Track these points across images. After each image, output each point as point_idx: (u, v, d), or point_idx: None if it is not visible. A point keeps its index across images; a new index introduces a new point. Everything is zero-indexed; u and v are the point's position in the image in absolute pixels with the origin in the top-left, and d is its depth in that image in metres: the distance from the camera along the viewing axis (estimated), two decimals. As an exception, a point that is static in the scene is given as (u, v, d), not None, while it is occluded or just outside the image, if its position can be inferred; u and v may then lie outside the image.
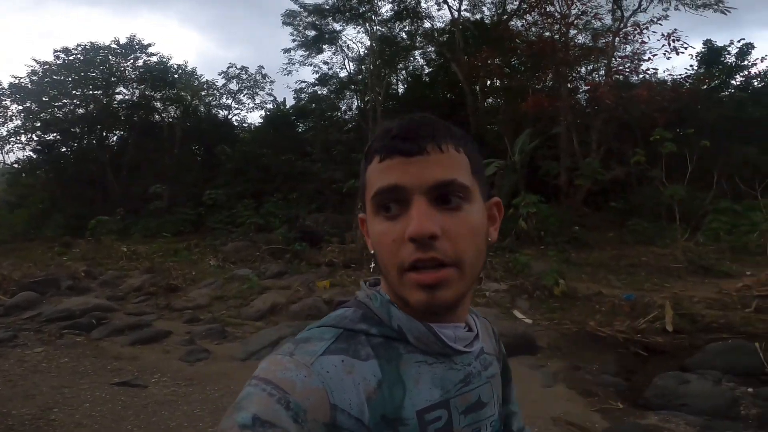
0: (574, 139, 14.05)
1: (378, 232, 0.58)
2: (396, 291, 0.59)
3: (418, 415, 0.57)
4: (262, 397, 0.52)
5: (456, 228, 0.56)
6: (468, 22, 18.28)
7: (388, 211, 0.57)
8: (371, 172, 0.59)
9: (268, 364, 0.55)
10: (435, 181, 0.56)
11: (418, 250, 0.55)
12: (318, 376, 0.54)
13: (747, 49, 15.41)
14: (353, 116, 21.75)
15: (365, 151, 0.61)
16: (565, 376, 4.59)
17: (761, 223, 10.41)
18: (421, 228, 0.54)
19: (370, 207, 0.60)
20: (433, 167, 0.56)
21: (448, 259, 0.55)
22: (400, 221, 0.56)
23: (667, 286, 7.90)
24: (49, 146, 22.46)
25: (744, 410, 3.81)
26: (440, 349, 0.61)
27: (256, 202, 16.51)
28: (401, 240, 0.56)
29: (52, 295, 8.36)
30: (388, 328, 0.61)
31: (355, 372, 0.56)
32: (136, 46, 21.95)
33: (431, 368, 0.60)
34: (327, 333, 0.59)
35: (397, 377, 0.58)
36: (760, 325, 5.77)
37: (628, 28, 14.42)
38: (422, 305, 0.56)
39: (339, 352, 0.57)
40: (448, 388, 0.61)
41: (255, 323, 6.84)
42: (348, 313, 0.63)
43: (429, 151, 0.57)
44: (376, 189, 0.57)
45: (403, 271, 0.56)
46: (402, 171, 0.56)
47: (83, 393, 4.05)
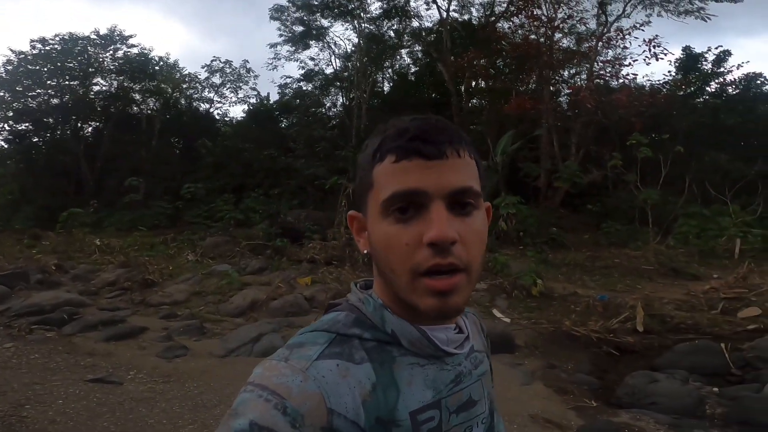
0: (554, 142, 14.31)
1: (388, 234, 0.57)
2: (402, 295, 0.58)
3: (411, 416, 0.58)
4: (258, 403, 0.51)
5: (469, 234, 0.57)
6: (456, 23, 18.38)
7: (403, 213, 0.56)
8: (382, 172, 0.57)
9: (263, 370, 0.55)
10: (454, 188, 0.56)
11: (437, 256, 0.54)
12: (314, 381, 0.54)
13: (724, 56, 15.79)
14: (337, 113, 21.66)
15: (375, 149, 0.59)
16: (542, 375, 4.71)
17: (729, 228, 10.80)
18: (444, 234, 0.54)
19: (378, 208, 0.57)
20: (452, 173, 0.56)
21: (462, 265, 0.56)
22: (415, 224, 0.55)
23: (639, 287, 8.15)
24: (20, 136, 21.73)
25: (710, 409, 3.96)
26: (433, 352, 0.62)
27: (236, 197, 16.29)
28: (417, 244, 0.55)
29: (21, 289, 8.08)
30: (381, 332, 0.61)
31: (350, 376, 0.56)
32: (116, 37, 21.41)
33: (423, 370, 0.61)
34: (321, 337, 0.59)
35: (390, 380, 0.58)
36: (725, 326, 6.03)
37: (612, 33, 14.75)
38: (434, 311, 0.56)
39: (334, 357, 0.57)
40: (440, 389, 0.62)
41: (234, 320, 6.78)
42: (340, 317, 0.62)
43: (448, 156, 0.56)
44: (393, 191, 0.56)
45: (417, 276, 0.55)
46: (421, 175, 0.55)
47: (56, 389, 3.95)
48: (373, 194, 0.59)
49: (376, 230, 0.59)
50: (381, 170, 0.58)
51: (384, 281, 0.62)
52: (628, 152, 11.81)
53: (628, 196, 12.68)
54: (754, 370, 4.71)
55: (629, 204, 12.43)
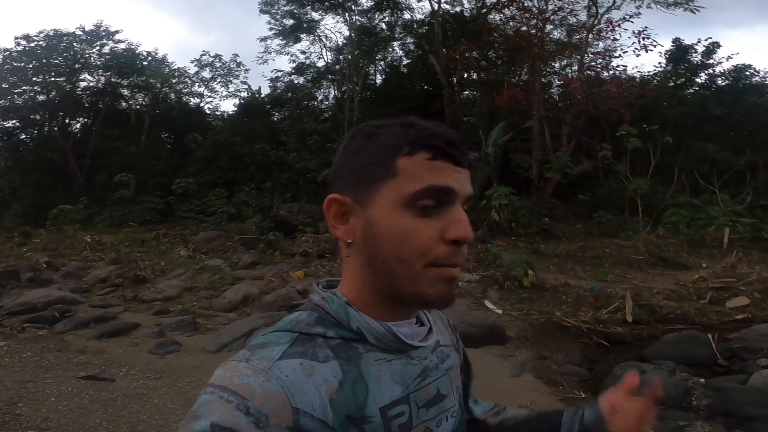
0: (546, 133, 14.36)
1: (407, 226, 0.58)
2: (404, 285, 0.59)
3: (381, 412, 0.59)
4: (219, 404, 0.51)
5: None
6: (447, 15, 18.30)
7: (429, 209, 0.58)
8: (412, 165, 0.59)
9: (223, 371, 0.55)
10: (470, 194, 0.62)
11: (457, 253, 0.59)
12: (277, 381, 0.54)
13: (713, 48, 15.92)
14: (329, 106, 21.56)
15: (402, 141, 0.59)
16: (532, 366, 4.76)
17: (718, 217, 10.93)
18: (469, 233, 0.59)
19: (401, 198, 0.58)
20: (468, 181, 0.62)
21: (464, 261, 0.62)
22: (437, 221, 0.59)
23: (629, 277, 8.25)
24: (7, 133, 21.48)
25: (696, 401, 3.99)
26: (398, 347, 0.63)
27: (228, 191, 16.22)
28: (438, 238, 0.58)
29: (12, 288, 8.02)
30: (346, 329, 0.61)
31: (315, 374, 0.56)
32: (102, 32, 21.16)
33: (390, 365, 0.62)
34: (283, 337, 0.59)
35: (358, 376, 0.59)
36: (713, 316, 6.12)
37: (602, 25, 14.78)
38: (443, 297, 0.60)
39: (297, 356, 0.57)
40: (408, 384, 0.63)
41: (227, 314, 6.78)
42: (303, 317, 0.62)
43: (467, 167, 0.62)
44: (429, 184, 0.58)
45: (430, 267, 0.59)
46: (453, 177, 0.60)
47: (49, 387, 3.94)
48: (395, 184, 0.59)
49: (390, 220, 0.59)
50: (411, 163, 0.59)
51: (373, 273, 0.62)
52: (618, 143, 11.89)
53: (618, 186, 12.78)
54: (740, 360, 4.77)
55: (620, 194, 12.54)
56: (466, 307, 6.06)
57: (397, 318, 0.64)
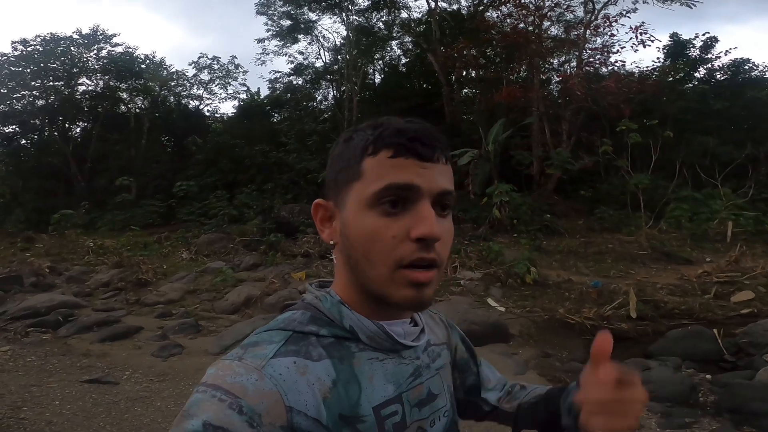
0: (545, 129, 14.33)
1: (373, 226, 0.57)
2: (375, 287, 0.59)
3: (374, 411, 0.58)
4: (212, 403, 0.50)
5: (445, 234, 0.60)
6: (445, 13, 18.30)
7: (393, 207, 0.57)
8: (376, 164, 0.58)
9: (216, 370, 0.54)
10: (442, 189, 0.59)
11: (422, 250, 0.56)
12: (270, 379, 0.53)
13: (711, 43, 15.92)
14: (329, 106, 21.57)
15: (367, 142, 0.59)
16: (536, 364, 4.74)
17: (720, 211, 10.89)
18: (434, 231, 0.56)
19: (365, 199, 0.58)
20: (440, 176, 0.59)
21: (439, 261, 0.58)
22: (402, 219, 0.57)
23: (632, 272, 8.21)
24: (7, 139, 21.54)
25: (702, 397, 3.96)
26: (391, 346, 0.62)
27: (229, 194, 16.23)
28: (403, 237, 0.56)
29: (16, 293, 8.04)
30: (339, 328, 0.61)
31: (308, 373, 0.56)
32: (99, 36, 21.18)
33: (383, 364, 0.62)
34: (276, 336, 0.59)
35: (351, 375, 0.58)
36: (719, 311, 6.07)
37: (599, 21, 14.75)
38: (410, 302, 0.58)
39: (290, 354, 0.56)
40: (400, 383, 0.63)
41: (229, 317, 6.78)
42: (296, 316, 0.62)
43: (438, 160, 0.59)
44: (388, 183, 0.57)
45: (398, 268, 0.57)
46: (416, 173, 0.57)
47: (52, 391, 3.95)
48: (360, 185, 0.59)
49: (357, 221, 0.59)
50: (374, 163, 0.58)
51: (352, 273, 0.62)
52: (618, 138, 11.85)
53: (619, 182, 12.75)
54: (746, 356, 4.73)
55: (621, 189, 12.51)
56: (469, 305, 6.05)
57: (390, 317, 0.64)
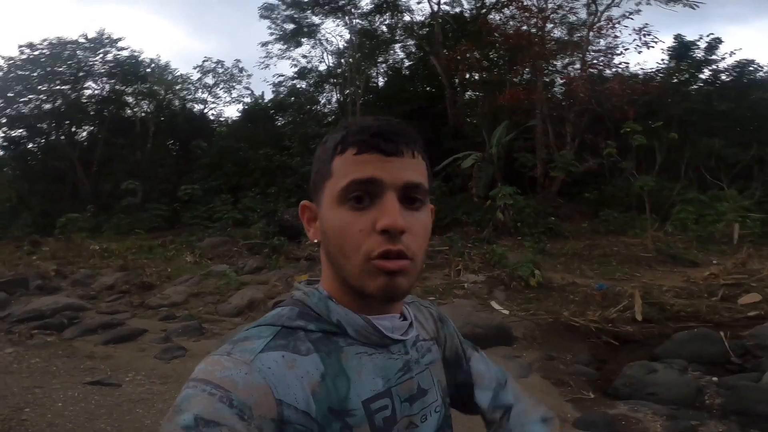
0: (549, 132, 14.29)
1: (343, 221, 0.59)
2: (352, 279, 0.60)
3: (364, 405, 0.59)
4: (202, 397, 0.51)
5: (416, 227, 0.60)
6: (447, 16, 18.33)
7: (359, 202, 0.59)
8: (342, 163, 0.60)
9: (205, 365, 0.55)
10: (407, 181, 0.60)
11: (388, 242, 0.57)
12: (259, 373, 0.54)
13: (715, 44, 15.82)
14: (332, 110, 21.62)
15: (336, 142, 0.62)
16: (540, 366, 4.70)
17: (727, 213, 10.80)
18: (395, 222, 0.57)
19: (335, 196, 0.60)
20: (406, 169, 0.60)
21: (410, 253, 0.59)
22: (369, 213, 0.58)
23: (638, 275, 8.14)
24: (15, 143, 21.70)
25: (708, 399, 3.92)
26: (379, 340, 0.63)
27: (233, 197, 16.30)
28: (370, 230, 0.58)
29: (22, 295, 8.10)
30: (327, 322, 0.62)
31: (297, 366, 0.57)
32: (105, 40, 21.28)
33: (371, 358, 0.62)
34: (265, 331, 0.60)
35: (339, 369, 0.59)
36: (725, 313, 5.99)
37: (602, 23, 14.71)
38: (382, 291, 0.58)
39: (279, 348, 0.57)
40: (389, 377, 0.63)
41: (233, 319, 6.78)
42: (285, 312, 0.63)
43: (404, 154, 0.60)
44: (351, 179, 0.58)
45: (368, 260, 0.58)
46: (379, 167, 0.59)
47: (55, 393, 3.96)
48: (330, 183, 0.61)
49: (330, 217, 0.61)
50: (341, 161, 0.61)
51: (333, 268, 0.63)
52: (623, 140, 11.79)
53: (624, 184, 12.68)
54: (753, 358, 4.67)
55: (626, 192, 12.43)
56: (472, 308, 6.01)
57: (377, 312, 0.64)
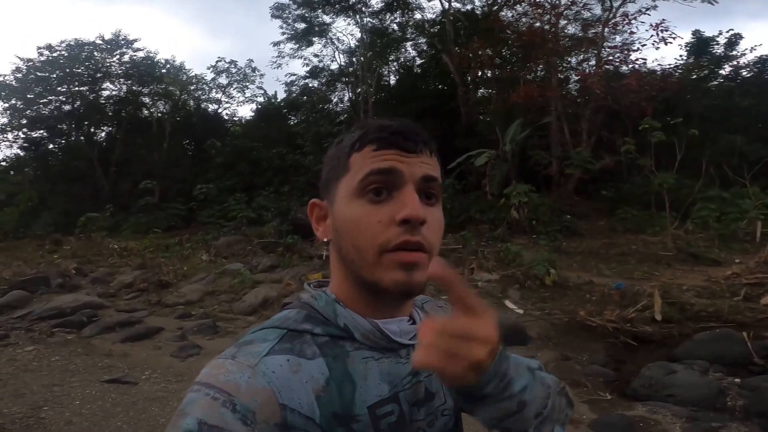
0: (564, 129, 14.08)
1: (360, 213, 0.59)
2: (365, 274, 0.59)
3: (369, 411, 0.58)
4: (206, 401, 0.51)
5: (432, 221, 0.60)
6: (459, 13, 18.19)
7: (378, 194, 0.59)
8: (360, 158, 0.60)
9: (209, 369, 0.55)
10: (426, 174, 0.60)
11: (407, 233, 0.57)
12: (263, 377, 0.54)
13: (735, 40, 15.55)
14: (345, 108, 21.65)
15: (354, 140, 0.62)
16: (555, 367, 4.63)
17: (749, 211, 10.51)
18: (417, 211, 0.57)
19: (352, 189, 0.60)
20: (424, 165, 0.61)
21: (427, 246, 0.58)
22: (388, 205, 0.58)
23: (657, 274, 7.97)
24: (36, 143, 22.21)
25: (730, 401, 3.83)
26: (386, 345, 0.62)
27: (247, 196, 16.43)
28: (389, 222, 0.57)
29: (43, 293, 8.29)
30: (334, 326, 0.61)
31: (301, 371, 0.56)
32: (121, 41, 21.68)
33: (378, 363, 0.61)
34: (270, 334, 0.59)
35: (345, 374, 0.58)
36: (748, 313, 5.82)
37: (617, 19, 14.42)
38: (399, 285, 0.57)
39: (284, 352, 0.57)
40: (396, 382, 0.62)
41: (247, 318, 6.84)
42: (291, 314, 0.63)
43: (422, 152, 0.61)
44: (370, 170, 0.59)
45: (384, 252, 0.57)
46: (398, 161, 0.59)
47: (73, 391, 4.03)
48: (347, 178, 0.61)
49: (346, 211, 0.60)
50: (359, 157, 0.61)
51: (344, 267, 0.63)
52: (641, 137, 11.54)
53: (643, 181, 12.42)
54: (777, 359, 4.56)
55: (645, 189, 12.17)
56: (487, 307, 5.95)
57: (386, 315, 0.63)
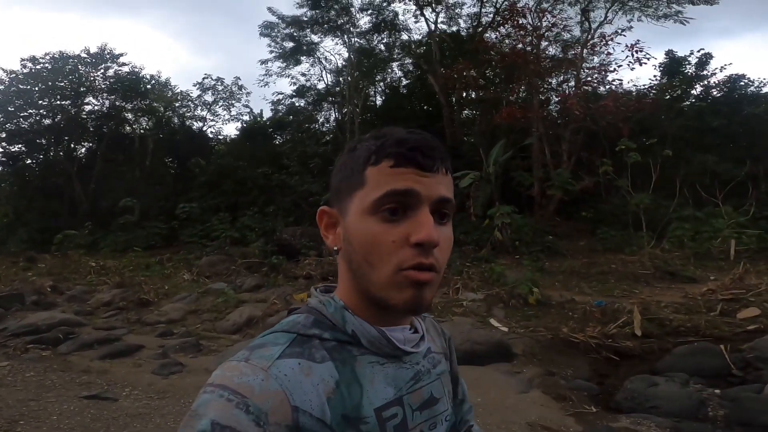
0: (546, 150, 14.43)
1: (374, 232, 0.60)
2: (375, 290, 0.61)
3: (376, 413, 0.60)
4: (219, 402, 0.52)
5: (443, 241, 0.62)
6: (444, 35, 18.66)
7: (393, 214, 0.59)
8: (376, 174, 0.60)
9: (223, 371, 0.55)
10: (441, 197, 0.61)
11: (420, 255, 0.59)
12: (276, 380, 0.55)
13: (706, 59, 16.01)
14: (331, 128, 21.79)
15: (370, 152, 0.62)
16: (540, 382, 4.67)
17: (723, 230, 10.86)
18: (432, 236, 0.58)
19: (367, 206, 0.60)
20: (440, 185, 0.61)
21: (438, 267, 0.61)
22: (402, 225, 0.59)
23: (636, 291, 8.15)
24: (13, 158, 21.71)
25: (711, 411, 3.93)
26: (391, 351, 0.64)
27: (231, 216, 16.27)
28: (402, 242, 0.59)
29: (17, 310, 8.03)
30: (341, 332, 0.63)
31: (312, 374, 0.58)
32: (107, 55, 21.44)
33: (383, 368, 0.64)
34: (281, 338, 0.61)
35: (353, 377, 0.60)
36: (725, 327, 6.01)
37: (596, 40, 15.00)
38: (408, 303, 0.60)
39: (295, 356, 0.58)
40: (400, 386, 0.65)
41: (231, 336, 6.73)
42: (300, 319, 0.64)
43: (438, 171, 0.62)
44: (389, 189, 0.59)
45: (399, 271, 0.59)
46: (415, 181, 0.60)
47: (50, 406, 3.90)
48: (362, 193, 0.61)
49: (359, 227, 0.61)
50: (376, 171, 0.61)
51: (354, 278, 0.64)
52: (618, 158, 11.91)
53: (621, 202, 12.74)
54: (755, 370, 4.69)
55: (622, 209, 12.49)
56: (471, 325, 5.99)
57: (391, 323, 0.65)
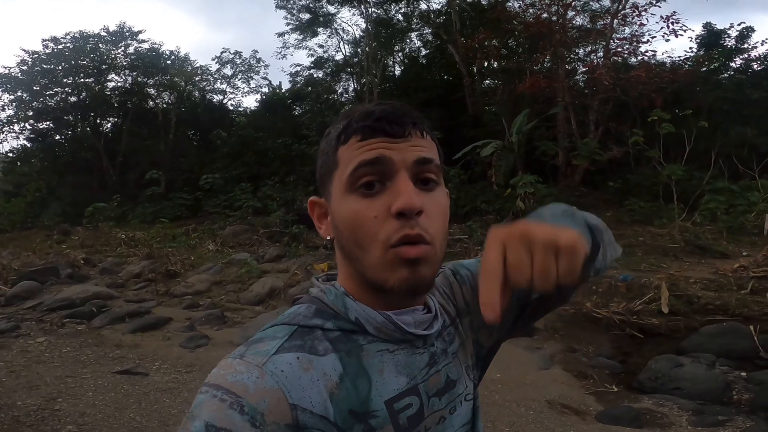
0: (572, 120, 13.96)
1: (354, 210, 0.56)
2: (371, 273, 0.57)
3: (387, 405, 0.57)
4: (213, 403, 0.50)
5: (432, 208, 0.57)
6: (464, 3, 17.99)
7: (369, 188, 0.56)
8: (347, 151, 0.57)
9: (218, 369, 0.54)
10: (418, 157, 0.56)
11: (405, 227, 0.54)
12: (272, 376, 0.52)
13: (747, 33, 15.31)
14: (350, 99, 21.54)
15: (339, 132, 0.59)
16: (562, 359, 4.66)
17: (758, 203, 10.42)
18: (411, 201, 0.53)
19: (343, 185, 0.57)
20: (415, 148, 0.57)
21: (429, 237, 0.55)
22: (382, 198, 0.55)
23: (664, 266, 7.94)
24: (42, 135, 22.33)
25: (737, 395, 3.85)
26: (400, 336, 0.60)
27: (253, 186, 16.47)
28: (385, 216, 0.55)
29: (52, 284, 8.38)
30: (345, 320, 0.59)
31: (313, 368, 0.54)
32: (126, 33, 21.63)
33: (393, 356, 0.59)
34: (280, 331, 0.57)
35: (360, 369, 0.57)
36: (755, 307, 5.81)
37: (627, 10, 14.19)
38: (404, 284, 0.55)
39: (294, 350, 0.55)
40: (414, 374, 0.60)
41: (254, 308, 6.90)
42: (301, 310, 0.61)
43: (412, 135, 0.57)
44: (358, 162, 0.56)
45: (388, 249, 0.55)
46: (385, 148, 0.56)
47: (86, 382, 4.09)
48: (338, 174, 0.59)
49: (341, 209, 0.58)
50: (346, 150, 0.58)
51: (350, 264, 0.60)
52: (649, 128, 11.42)
53: (651, 173, 12.31)
54: (784, 352, 4.56)
55: (653, 180, 12.08)
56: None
57: (397, 306, 0.60)
